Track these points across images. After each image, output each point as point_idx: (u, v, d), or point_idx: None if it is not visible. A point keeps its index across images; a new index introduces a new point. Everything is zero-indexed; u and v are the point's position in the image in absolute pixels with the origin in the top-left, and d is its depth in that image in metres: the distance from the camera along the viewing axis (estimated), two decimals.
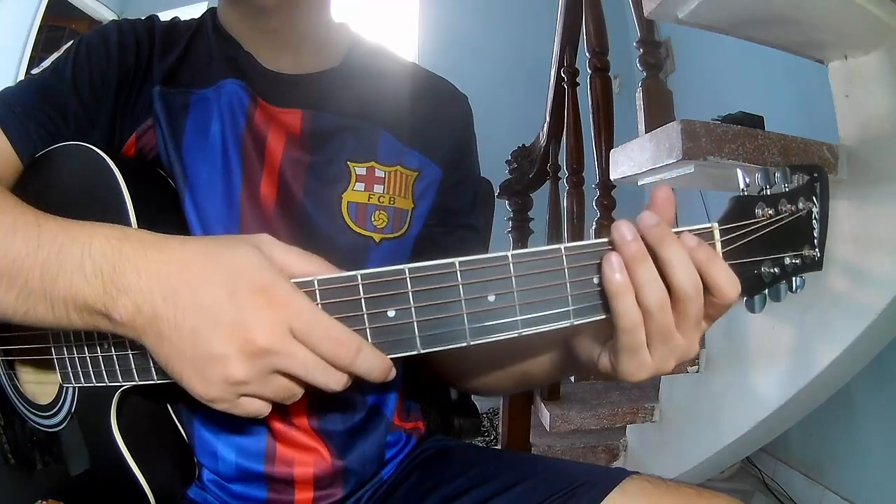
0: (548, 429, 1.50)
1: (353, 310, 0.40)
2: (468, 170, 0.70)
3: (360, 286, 0.39)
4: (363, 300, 0.40)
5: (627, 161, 1.18)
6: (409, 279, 0.39)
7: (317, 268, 0.41)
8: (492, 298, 0.40)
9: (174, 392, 0.41)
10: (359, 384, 0.40)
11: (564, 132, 1.72)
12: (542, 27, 2.20)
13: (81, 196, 0.54)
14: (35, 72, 0.60)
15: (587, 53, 1.53)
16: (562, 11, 1.75)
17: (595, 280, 0.40)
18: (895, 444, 1.50)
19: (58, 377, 0.53)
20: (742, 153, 0.99)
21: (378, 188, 0.62)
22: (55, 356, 0.52)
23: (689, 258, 0.39)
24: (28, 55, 2.68)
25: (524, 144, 1.98)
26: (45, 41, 2.77)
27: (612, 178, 1.30)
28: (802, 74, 1.42)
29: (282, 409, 0.44)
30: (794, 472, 1.84)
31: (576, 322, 0.40)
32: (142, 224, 0.49)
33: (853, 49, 1.05)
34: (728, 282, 0.39)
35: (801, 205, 0.42)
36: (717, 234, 0.41)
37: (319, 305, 0.39)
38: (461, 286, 0.39)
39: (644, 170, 1.11)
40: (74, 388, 0.53)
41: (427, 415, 0.76)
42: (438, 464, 0.66)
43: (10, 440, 0.60)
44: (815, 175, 0.43)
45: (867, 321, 1.02)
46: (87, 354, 0.49)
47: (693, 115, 1.01)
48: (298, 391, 0.41)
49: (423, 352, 0.40)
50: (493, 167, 1.03)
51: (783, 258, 0.42)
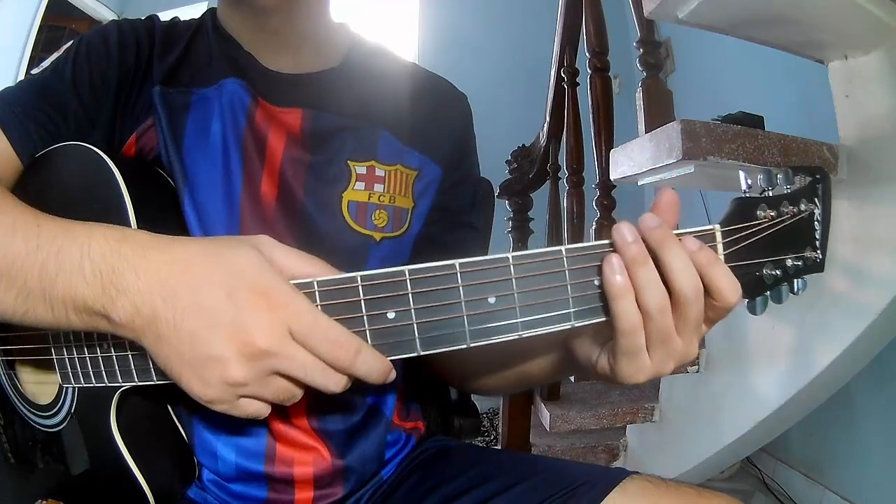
0: (548, 429, 1.50)
1: (353, 311, 0.40)
2: (468, 169, 0.70)
3: (360, 288, 0.39)
4: (363, 302, 0.39)
5: (627, 161, 1.18)
6: (409, 281, 0.39)
7: (316, 269, 0.41)
8: (492, 300, 0.39)
9: (174, 392, 0.41)
10: (358, 385, 0.40)
11: (564, 132, 1.72)
12: (542, 27, 2.20)
13: (81, 196, 0.54)
14: (35, 72, 0.60)
15: (587, 53, 1.53)
16: (562, 11, 1.74)
17: (596, 282, 0.40)
18: (895, 444, 1.50)
19: (57, 377, 0.53)
20: (742, 153, 0.99)
21: (378, 187, 0.62)
22: (55, 356, 0.52)
23: (691, 261, 0.39)
24: (28, 55, 2.68)
25: (524, 144, 1.98)
26: (45, 41, 2.77)
27: (612, 178, 1.30)
28: (802, 74, 1.42)
29: (282, 409, 0.44)
30: (794, 472, 1.84)
31: (576, 324, 0.40)
32: (141, 224, 0.49)
33: (853, 49, 1.05)
34: (729, 285, 0.39)
35: (803, 206, 0.42)
36: (719, 236, 0.41)
37: (319, 307, 0.39)
38: (461, 288, 0.39)
39: (644, 170, 1.11)
40: (74, 389, 0.53)
41: (427, 415, 0.76)
42: (438, 464, 0.66)
43: (10, 440, 0.60)
44: (818, 176, 0.42)
45: (867, 321, 1.02)
46: (87, 355, 0.49)
47: (693, 115, 1.01)
48: (298, 392, 0.41)
49: (423, 354, 0.40)
50: (493, 167, 1.03)
51: (785, 260, 0.42)
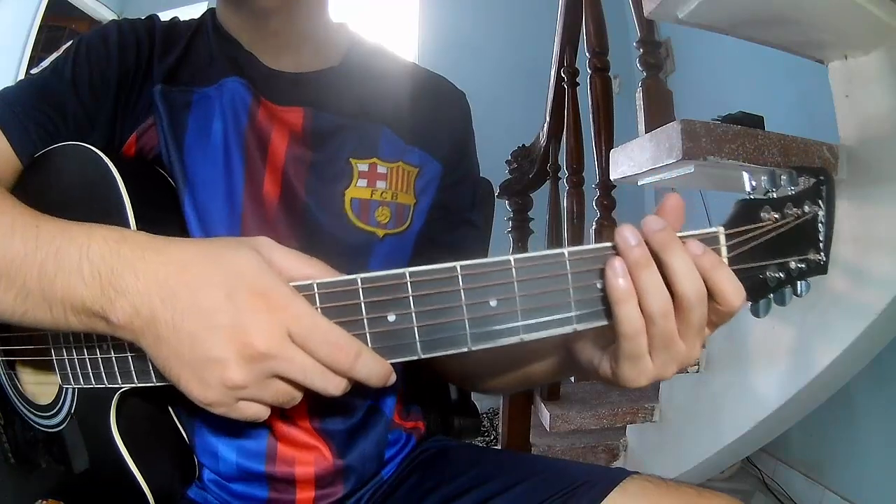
0: (548, 429, 1.50)
1: (353, 314, 0.39)
2: (468, 168, 0.70)
3: (360, 290, 0.39)
4: (363, 304, 0.39)
5: (627, 161, 1.18)
6: (410, 283, 0.38)
7: (316, 271, 0.41)
8: (494, 303, 0.39)
9: (174, 393, 0.40)
10: (358, 388, 0.40)
11: (564, 132, 1.72)
12: (542, 27, 2.20)
13: (80, 196, 0.54)
14: (34, 71, 0.60)
15: (587, 53, 1.53)
16: (562, 11, 1.75)
17: (598, 285, 0.39)
18: (895, 444, 1.50)
19: (57, 378, 0.53)
20: (742, 153, 0.99)
21: (380, 184, 0.62)
22: (54, 357, 0.52)
23: (694, 265, 0.38)
24: (28, 55, 2.68)
25: (524, 144, 1.98)
26: (45, 41, 2.77)
27: (612, 178, 1.30)
28: (802, 74, 1.42)
29: (282, 409, 0.44)
30: (794, 472, 1.84)
31: (578, 328, 0.40)
32: (140, 224, 0.49)
33: (853, 49, 1.05)
34: (733, 290, 0.39)
35: (808, 208, 0.41)
36: (723, 239, 0.41)
37: (319, 309, 0.39)
38: (462, 291, 0.39)
39: (644, 170, 1.11)
40: (74, 389, 0.53)
41: (427, 415, 0.76)
42: (438, 464, 0.66)
43: (11, 440, 0.60)
44: (822, 178, 0.42)
45: (867, 321, 1.02)
46: (87, 356, 0.49)
47: (693, 115, 1.01)
48: (297, 395, 0.40)
49: (424, 357, 0.40)
50: (493, 167, 1.03)
51: (788, 262, 0.42)
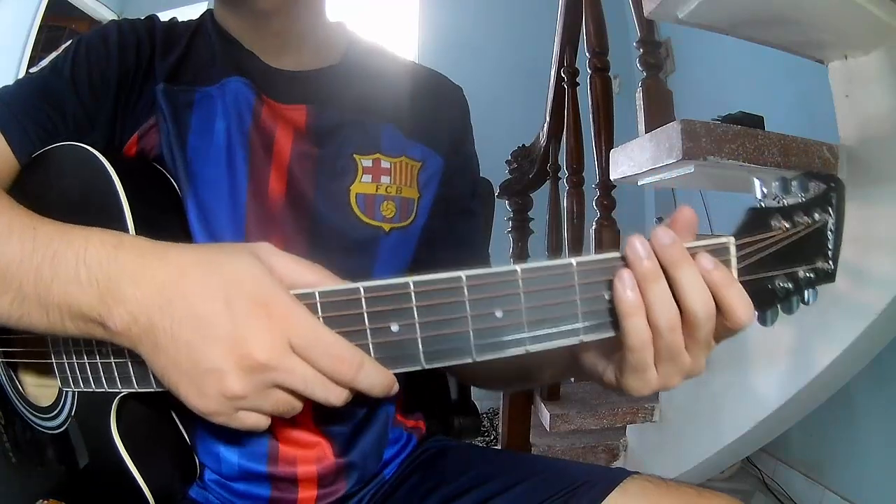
0: (548, 429, 1.50)
1: (356, 324, 0.38)
2: (466, 159, 0.71)
3: (363, 300, 0.38)
4: (366, 314, 0.38)
5: (627, 161, 1.18)
6: (414, 293, 0.37)
7: (318, 277, 0.40)
8: (499, 314, 0.38)
9: (175, 397, 0.40)
10: (359, 396, 0.40)
11: (564, 132, 1.72)
12: (542, 27, 2.20)
13: (78, 197, 0.53)
14: (33, 70, 0.59)
15: (587, 53, 1.54)
16: (562, 11, 1.75)
17: (606, 296, 0.39)
18: (895, 444, 1.50)
19: (57, 381, 0.52)
20: (742, 153, 0.99)
21: (385, 179, 0.62)
22: (54, 361, 0.51)
23: (704, 282, 0.38)
24: (28, 55, 2.68)
25: (524, 144, 1.99)
26: (45, 41, 2.77)
27: (612, 178, 1.30)
28: (802, 74, 1.42)
29: None
30: (794, 472, 1.84)
31: (585, 339, 0.39)
32: (139, 224, 0.49)
33: (853, 49, 1.05)
34: (743, 307, 0.38)
35: (817, 216, 0.41)
36: (733, 250, 0.40)
37: (321, 319, 0.38)
38: (468, 301, 0.37)
39: (644, 170, 1.11)
40: (74, 392, 0.53)
41: (427, 414, 0.76)
42: (439, 464, 0.66)
43: (11, 439, 0.60)
44: (832, 185, 0.41)
45: (867, 321, 1.02)
46: (87, 361, 0.48)
47: (693, 115, 1.01)
48: (298, 405, 0.40)
49: (427, 367, 0.39)
50: (493, 167, 1.03)
51: (797, 272, 0.41)
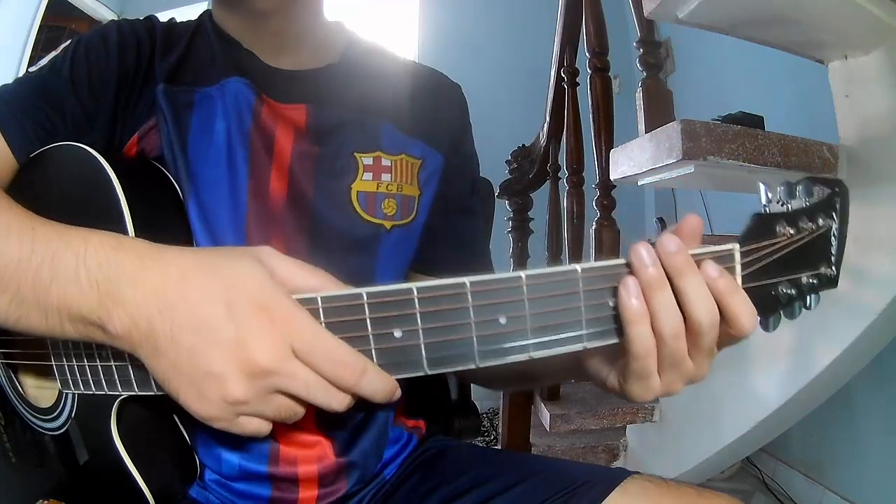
0: (548, 429, 1.50)
1: (359, 329, 0.38)
2: (466, 156, 0.71)
3: (366, 305, 0.37)
4: (369, 320, 0.38)
5: (627, 161, 1.18)
6: (418, 299, 0.37)
7: (321, 281, 0.40)
8: (503, 321, 0.38)
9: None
10: (361, 401, 0.39)
11: (564, 132, 1.72)
12: (542, 27, 2.20)
13: (76, 197, 0.53)
14: (32, 70, 0.59)
15: (587, 53, 1.53)
16: (562, 11, 1.75)
17: (610, 303, 0.38)
18: (895, 444, 1.50)
19: (57, 383, 0.52)
20: (742, 153, 0.99)
21: (385, 177, 0.62)
22: (54, 363, 0.51)
23: (709, 290, 0.38)
24: (28, 55, 2.68)
25: (524, 144, 1.99)
26: (45, 41, 2.77)
27: (612, 178, 1.30)
28: (802, 74, 1.42)
29: None
30: (794, 472, 1.84)
31: (588, 346, 0.39)
32: (139, 225, 0.49)
33: (853, 49, 1.05)
34: (746, 315, 0.38)
35: (822, 222, 0.41)
36: (738, 257, 0.40)
37: (323, 324, 0.38)
38: (472, 308, 0.37)
39: (644, 170, 1.11)
40: (75, 393, 0.53)
41: (427, 415, 0.76)
42: (439, 464, 0.66)
43: (11, 439, 0.60)
44: (836, 190, 0.41)
45: (867, 321, 1.02)
46: (87, 363, 0.48)
47: (693, 115, 1.01)
48: (300, 411, 0.39)
49: (430, 373, 0.39)
50: (493, 167, 1.03)
51: (800, 278, 0.41)
